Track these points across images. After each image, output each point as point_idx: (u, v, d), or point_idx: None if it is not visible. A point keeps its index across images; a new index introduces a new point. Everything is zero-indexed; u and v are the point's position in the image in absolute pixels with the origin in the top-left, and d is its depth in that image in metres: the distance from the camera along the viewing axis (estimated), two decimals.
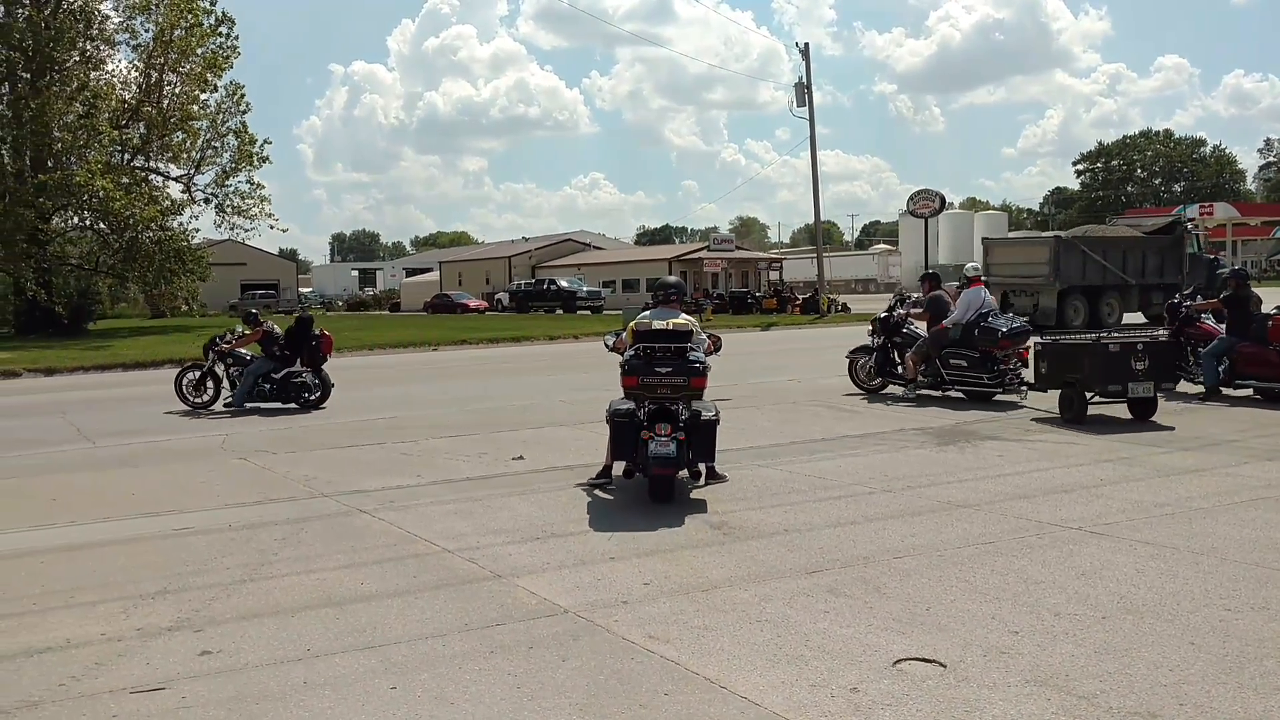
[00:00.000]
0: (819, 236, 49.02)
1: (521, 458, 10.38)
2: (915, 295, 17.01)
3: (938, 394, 14.36)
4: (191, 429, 13.61)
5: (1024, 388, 13.45)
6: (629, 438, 8.13)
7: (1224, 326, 13.73)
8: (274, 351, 15.35)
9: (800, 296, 51.42)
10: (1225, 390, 13.49)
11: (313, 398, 15.27)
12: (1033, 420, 12.02)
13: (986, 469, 9.19)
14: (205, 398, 15.65)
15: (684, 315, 8.84)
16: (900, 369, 14.80)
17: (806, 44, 45.21)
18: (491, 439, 11.79)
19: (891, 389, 15.06)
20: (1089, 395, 11.67)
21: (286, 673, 4.75)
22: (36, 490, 9.56)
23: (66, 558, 6.99)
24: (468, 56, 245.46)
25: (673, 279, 9.77)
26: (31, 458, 11.64)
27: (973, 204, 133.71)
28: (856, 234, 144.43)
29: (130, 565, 6.75)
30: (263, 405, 15.14)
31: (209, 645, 5.14)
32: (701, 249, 67.45)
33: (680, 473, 8.26)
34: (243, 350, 15.74)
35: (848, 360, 15.62)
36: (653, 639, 5.05)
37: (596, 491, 8.59)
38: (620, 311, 39.52)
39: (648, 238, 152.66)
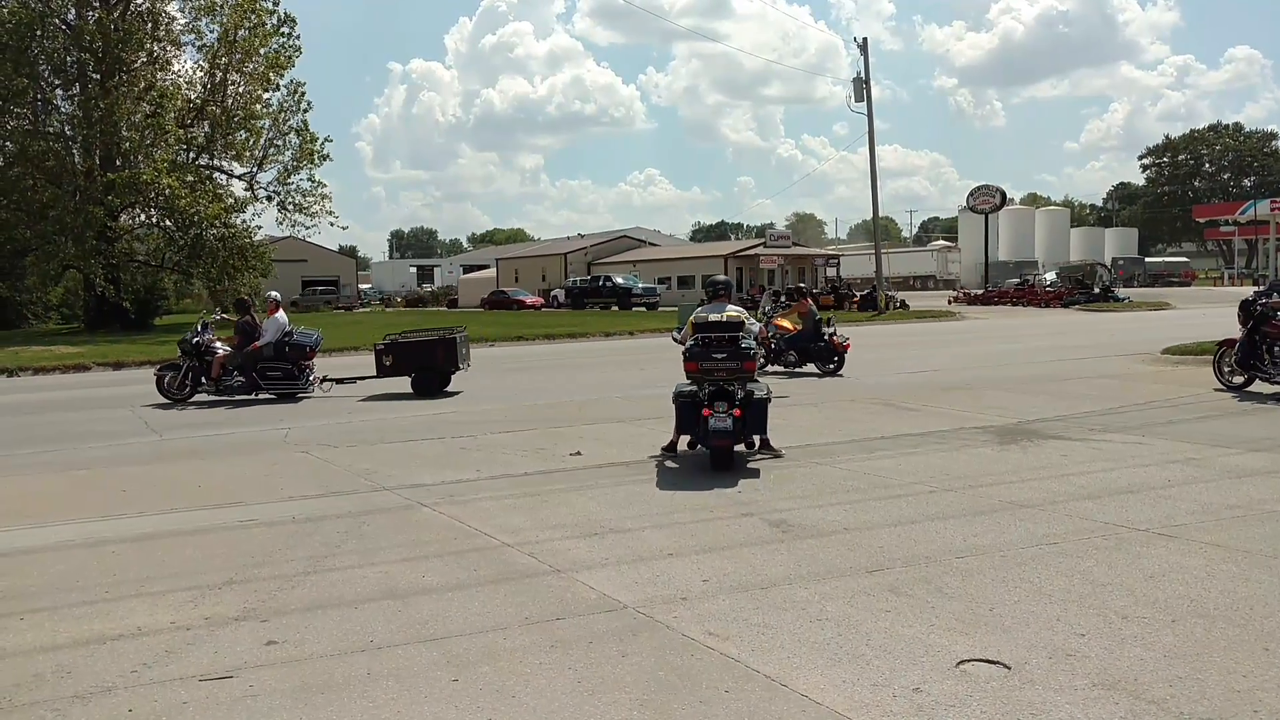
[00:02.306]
0: (877, 232, 48.62)
1: (579, 453, 10.42)
2: None
3: None
4: (255, 423, 13.85)
5: None
6: (692, 415, 9.40)
7: None
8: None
9: (858, 293, 50.99)
10: None
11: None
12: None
13: (1050, 469, 9.04)
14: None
15: (734, 308, 9.98)
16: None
17: (865, 38, 44.90)
18: (549, 434, 11.85)
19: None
20: None
21: (350, 664, 4.81)
22: (107, 481, 9.79)
23: (137, 548, 7.15)
24: (524, 54, 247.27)
25: (722, 277, 10.76)
26: (102, 449, 11.92)
27: (1034, 200, 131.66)
28: (915, 230, 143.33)
29: (198, 556, 6.88)
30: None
31: (275, 635, 5.22)
32: (757, 245, 67.23)
33: (738, 446, 9.37)
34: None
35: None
36: (712, 636, 5.04)
37: (667, 463, 9.66)
38: (677, 308, 39.47)
39: (703, 234, 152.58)
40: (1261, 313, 13.39)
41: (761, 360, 14.45)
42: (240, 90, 48.06)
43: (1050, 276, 60.62)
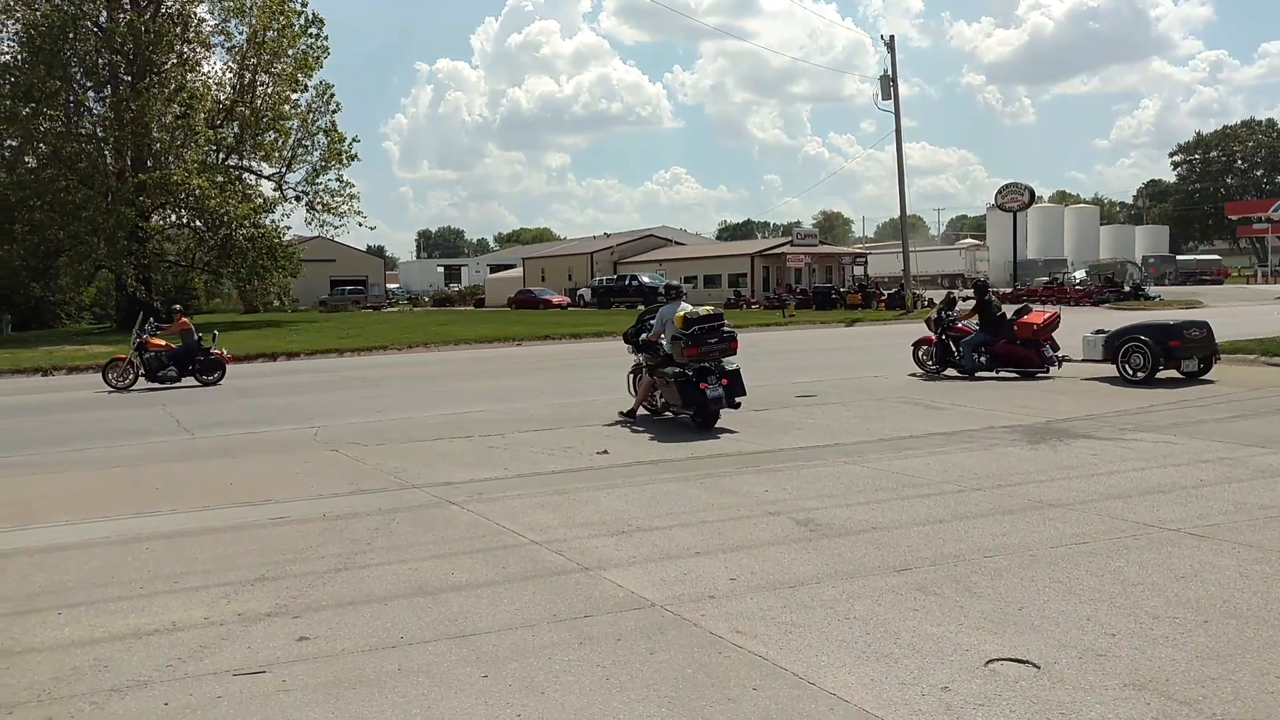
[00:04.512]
0: (904, 230, 48.38)
1: (606, 452, 10.45)
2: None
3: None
4: (284, 421, 13.97)
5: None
6: (691, 389, 11.70)
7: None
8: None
9: (885, 292, 50.76)
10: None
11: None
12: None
13: (1080, 468, 8.99)
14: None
15: (691, 306, 12.50)
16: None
17: (892, 36, 44.76)
18: (576, 433, 11.89)
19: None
20: None
21: (381, 659, 4.86)
22: (142, 479, 9.91)
23: (171, 544, 7.23)
24: (550, 53, 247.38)
25: (675, 283, 13.71)
26: (136, 447, 12.07)
27: (1063, 198, 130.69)
28: (943, 228, 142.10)
29: (230, 552, 6.96)
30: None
31: (306, 631, 5.28)
32: (784, 244, 66.92)
33: (725, 408, 11.92)
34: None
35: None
36: (740, 634, 5.05)
37: (633, 427, 12.14)
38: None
39: (729, 233, 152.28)
40: (946, 322, 17.44)
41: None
42: (269, 91, 48.54)
43: (1080, 275, 60.16)
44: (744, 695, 4.33)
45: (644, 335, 12.75)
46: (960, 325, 17.27)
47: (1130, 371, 14.99)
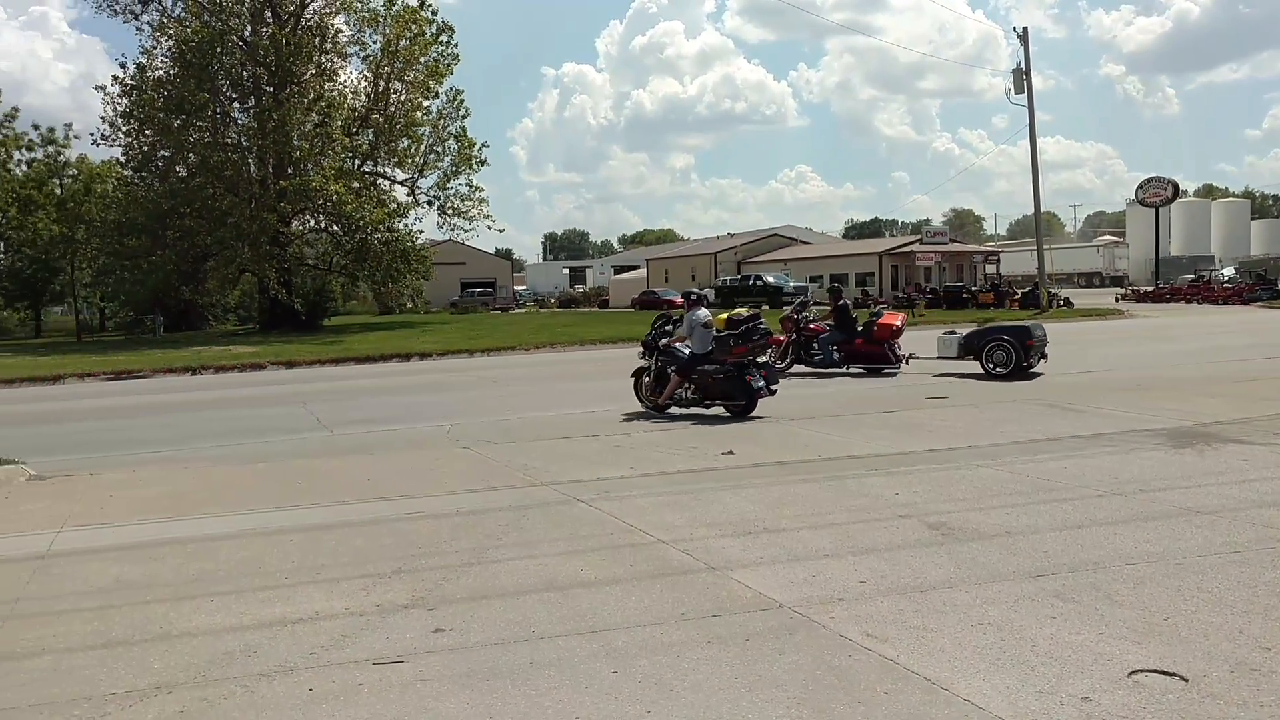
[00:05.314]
0: (1039, 227, 46.90)
1: (731, 452, 10.44)
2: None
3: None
4: (418, 419, 14.36)
5: None
6: (739, 382, 13.18)
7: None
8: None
9: (1019, 291, 49.31)
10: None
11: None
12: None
13: (1229, 474, 8.58)
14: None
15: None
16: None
17: (1025, 28, 43.44)
18: (701, 433, 11.91)
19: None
20: None
21: (514, 653, 4.96)
22: (285, 474, 10.32)
23: (312, 537, 7.52)
24: (674, 54, 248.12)
25: (696, 291, 15.13)
26: (279, 444, 12.59)
27: (1209, 191, 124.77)
28: (1079, 225, 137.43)
29: (368, 545, 7.20)
30: None
31: (441, 623, 5.43)
32: (913, 242, 65.68)
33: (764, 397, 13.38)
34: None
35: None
36: (870, 637, 4.99)
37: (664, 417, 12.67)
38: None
39: (856, 231, 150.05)
40: (801, 323, 19.23)
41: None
42: (402, 98, 49.92)
43: (1229, 272, 57.40)
44: (875, 699, 4.28)
45: (663, 341, 14.09)
46: (814, 326, 19.27)
47: (993, 367, 17.20)
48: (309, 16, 49.14)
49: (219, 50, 45.76)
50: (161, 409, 17.83)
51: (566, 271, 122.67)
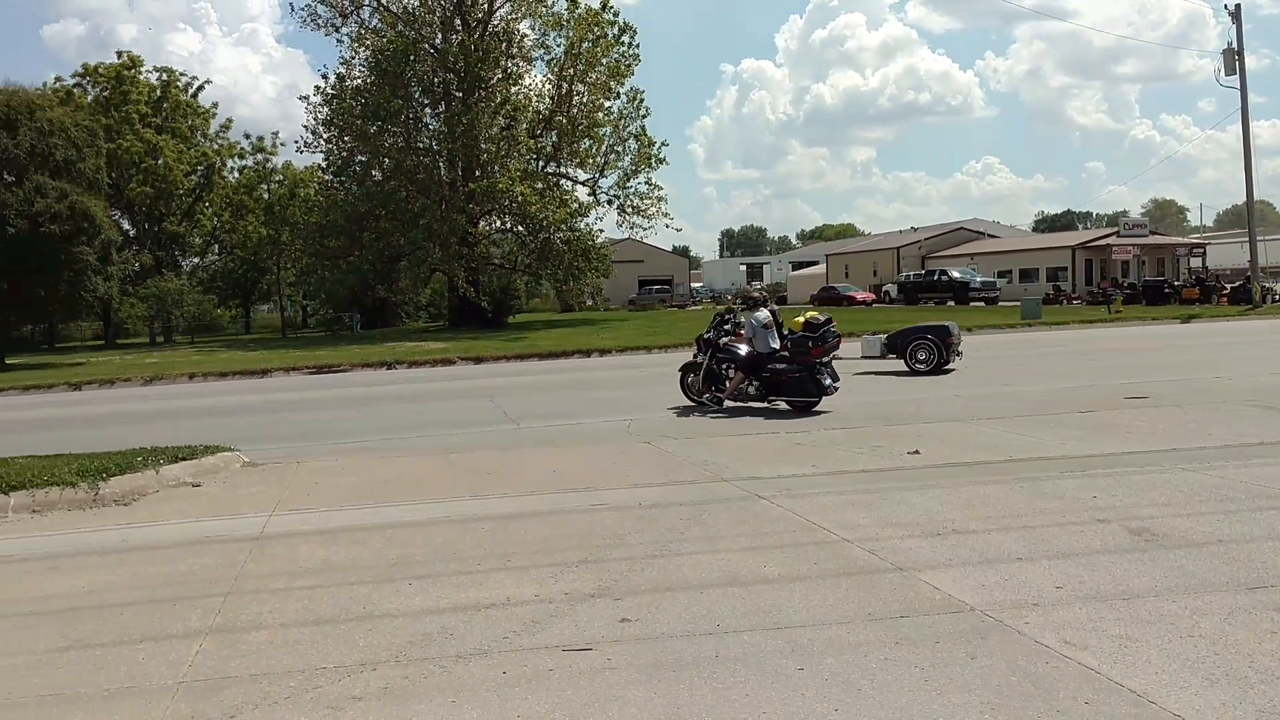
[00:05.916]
0: (1251, 217, 43.84)
1: (917, 452, 10.20)
2: None
3: None
4: (600, 413, 14.64)
5: None
6: (810, 382, 13.92)
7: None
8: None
9: (1228, 285, 46.21)
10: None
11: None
12: None
13: None
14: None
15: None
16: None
17: (1238, 5, 40.63)
18: (884, 431, 11.69)
19: None
20: None
21: (699, 645, 5.00)
22: (476, 465, 10.71)
23: (502, 525, 7.77)
24: (855, 46, 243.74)
25: (754, 294, 16.36)
26: (470, 436, 13.06)
27: None
28: None
29: (555, 535, 7.39)
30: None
31: (628, 613, 5.52)
32: (1109, 235, 62.60)
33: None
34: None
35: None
36: (1068, 644, 4.79)
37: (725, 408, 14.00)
38: (1019, 303, 37.30)
39: (1046, 224, 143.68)
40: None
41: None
42: (584, 100, 50.90)
43: None
44: (1074, 709, 4.11)
45: (724, 340, 14.91)
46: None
47: (916, 364, 18.88)
48: (496, 23, 50.73)
49: (412, 58, 47.76)
50: (359, 401, 18.76)
51: (743, 268, 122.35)
